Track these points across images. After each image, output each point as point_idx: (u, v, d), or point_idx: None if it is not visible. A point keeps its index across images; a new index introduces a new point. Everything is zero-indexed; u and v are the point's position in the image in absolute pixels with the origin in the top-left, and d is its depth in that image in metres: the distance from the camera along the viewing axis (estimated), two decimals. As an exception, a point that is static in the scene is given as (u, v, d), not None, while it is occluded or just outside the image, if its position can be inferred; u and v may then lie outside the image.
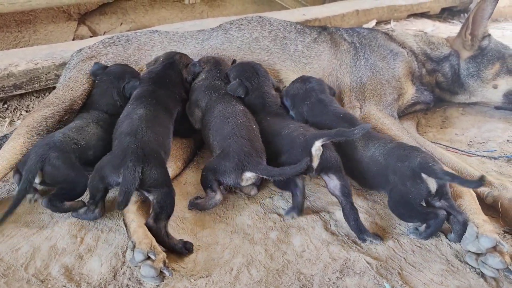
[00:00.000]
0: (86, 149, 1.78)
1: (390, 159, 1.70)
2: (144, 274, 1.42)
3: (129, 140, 1.71)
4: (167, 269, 1.43)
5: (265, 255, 1.57)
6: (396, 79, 2.37)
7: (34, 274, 1.48)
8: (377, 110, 2.22)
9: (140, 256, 1.43)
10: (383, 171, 1.71)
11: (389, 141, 1.81)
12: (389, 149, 1.75)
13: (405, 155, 1.67)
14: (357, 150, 1.82)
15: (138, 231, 1.54)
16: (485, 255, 1.47)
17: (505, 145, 2.34)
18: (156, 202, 1.61)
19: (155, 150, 1.72)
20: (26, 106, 2.75)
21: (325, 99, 2.07)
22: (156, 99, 1.98)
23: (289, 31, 2.56)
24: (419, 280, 1.47)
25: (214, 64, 2.26)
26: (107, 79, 2.12)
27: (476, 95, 2.61)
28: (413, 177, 1.61)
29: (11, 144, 1.91)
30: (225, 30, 2.56)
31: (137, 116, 1.85)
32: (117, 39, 2.55)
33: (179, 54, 2.29)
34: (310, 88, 2.10)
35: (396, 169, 1.66)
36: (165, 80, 2.12)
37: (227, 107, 1.98)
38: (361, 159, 1.81)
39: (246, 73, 2.15)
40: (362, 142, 1.83)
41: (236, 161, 1.72)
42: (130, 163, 1.59)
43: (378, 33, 2.62)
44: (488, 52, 2.54)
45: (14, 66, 2.59)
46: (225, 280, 1.46)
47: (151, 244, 1.48)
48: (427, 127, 2.57)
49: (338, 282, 1.46)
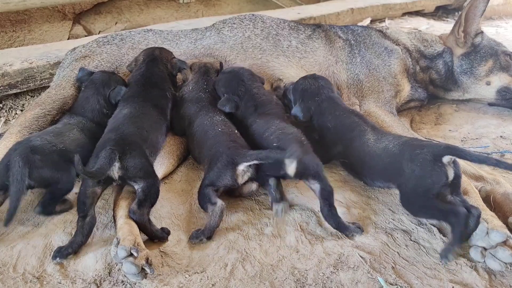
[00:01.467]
0: (65, 151, 1.72)
1: (407, 148, 1.67)
2: (125, 270, 1.43)
3: (110, 135, 1.74)
4: (148, 267, 1.43)
5: (260, 250, 1.58)
6: (393, 76, 2.39)
7: (29, 272, 1.48)
8: (377, 108, 2.23)
9: (122, 253, 1.43)
10: (396, 162, 1.68)
11: (403, 136, 1.84)
12: (405, 141, 1.74)
13: (422, 144, 1.65)
14: (368, 144, 1.81)
15: (124, 228, 1.55)
16: (495, 248, 1.47)
17: (498, 141, 2.36)
18: (141, 190, 1.64)
19: (136, 142, 1.72)
20: (21, 106, 2.75)
21: (334, 97, 2.10)
22: (143, 97, 1.98)
23: (283, 28, 2.57)
24: (412, 274, 1.48)
25: (202, 74, 2.26)
26: (93, 85, 2.08)
27: (469, 91, 2.63)
28: (434, 162, 1.55)
29: (3, 143, 1.92)
30: (218, 30, 2.57)
31: (122, 115, 1.87)
32: (111, 38, 2.55)
33: (158, 49, 2.27)
34: (321, 86, 2.12)
35: (413, 156, 1.61)
36: (152, 80, 2.10)
37: (205, 120, 1.98)
38: (372, 152, 1.79)
39: (231, 86, 2.15)
40: (374, 135, 1.84)
41: (225, 159, 1.73)
42: (108, 148, 1.62)
43: (372, 31, 2.64)
44: (481, 49, 2.56)
45: (9, 66, 2.59)
46: (220, 276, 1.47)
47: (134, 241, 1.48)
48: (421, 124, 2.59)
49: (332, 277, 1.47)
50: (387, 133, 1.90)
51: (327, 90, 2.11)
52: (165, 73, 2.16)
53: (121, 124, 1.81)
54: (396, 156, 1.69)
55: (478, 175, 1.87)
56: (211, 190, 1.70)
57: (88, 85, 2.09)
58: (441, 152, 1.57)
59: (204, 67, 2.32)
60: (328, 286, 1.44)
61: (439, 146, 1.63)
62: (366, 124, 1.92)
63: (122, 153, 1.62)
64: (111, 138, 1.69)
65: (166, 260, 1.53)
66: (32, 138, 1.74)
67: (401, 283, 1.44)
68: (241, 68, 2.26)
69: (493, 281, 1.46)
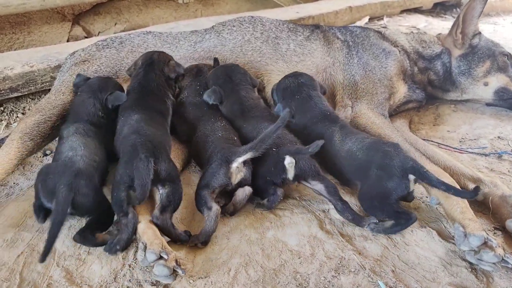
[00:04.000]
0: (100, 163, 1.76)
1: (375, 155, 1.75)
2: (157, 273, 1.46)
3: (134, 137, 1.73)
4: (179, 268, 1.48)
5: (262, 255, 1.61)
6: (388, 78, 2.41)
7: (36, 278, 1.51)
8: (368, 109, 2.25)
9: (152, 257, 1.47)
10: (362, 166, 1.77)
11: (366, 137, 1.88)
12: (370, 145, 1.80)
13: (391, 153, 1.72)
14: (335, 145, 1.89)
15: (148, 232, 1.58)
16: (479, 253, 1.52)
17: (496, 142, 2.38)
18: (165, 195, 1.66)
19: (162, 143, 1.76)
20: (22, 109, 2.76)
21: (314, 96, 2.10)
22: (146, 105, 1.99)
23: (281, 31, 2.59)
24: (412, 278, 1.51)
25: (194, 76, 2.28)
26: (89, 89, 2.06)
27: (467, 92, 2.65)
28: (402, 177, 1.67)
29: (5, 150, 1.94)
30: (217, 32, 2.58)
31: (134, 120, 1.88)
32: (110, 41, 2.56)
33: (157, 53, 2.27)
34: (301, 83, 2.13)
35: (382, 165, 1.71)
36: (150, 86, 2.10)
37: (206, 125, 1.99)
38: (337, 154, 1.87)
39: (219, 80, 2.17)
40: (340, 136, 1.90)
41: (219, 158, 1.75)
42: (143, 155, 1.61)
43: (371, 32, 2.65)
44: (479, 50, 2.58)
45: (10, 69, 2.60)
46: (223, 281, 1.50)
47: (162, 244, 1.52)
48: (419, 124, 2.61)
49: (334, 281, 1.50)
50: (351, 132, 1.93)
51: (307, 87, 2.11)
52: (162, 78, 2.16)
53: (139, 126, 1.81)
54: (362, 161, 1.78)
55: (476, 177, 1.90)
56: (207, 193, 1.72)
57: (83, 89, 2.08)
58: (408, 170, 1.67)
59: (195, 68, 2.34)
60: (329, 290, 1.47)
61: (407, 163, 1.69)
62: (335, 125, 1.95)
63: (155, 157, 1.63)
64: (138, 141, 1.68)
65: (170, 265, 1.56)
66: (73, 158, 1.70)
67: (401, 287, 1.48)
68: (234, 66, 2.27)
69: (491, 284, 1.50)
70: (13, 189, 2.01)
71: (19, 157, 1.96)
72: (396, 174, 1.67)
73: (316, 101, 2.08)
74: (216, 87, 2.14)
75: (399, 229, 1.68)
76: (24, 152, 1.97)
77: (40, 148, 2.12)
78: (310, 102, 2.07)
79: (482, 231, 1.55)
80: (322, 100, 2.13)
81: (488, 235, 1.54)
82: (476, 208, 1.82)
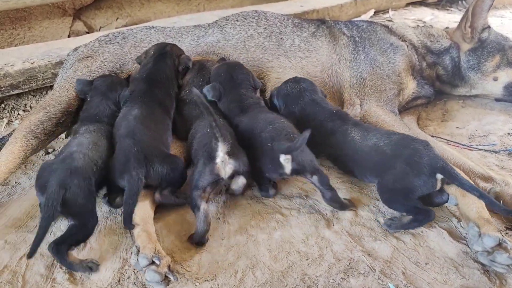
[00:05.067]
0: (102, 169, 1.69)
1: (404, 151, 1.71)
2: (149, 279, 1.43)
3: (129, 142, 1.71)
4: (171, 274, 1.44)
5: (269, 256, 1.57)
6: (397, 74, 2.35)
7: (39, 281, 1.48)
8: (378, 107, 2.21)
9: (144, 261, 1.43)
10: (386, 161, 1.73)
11: (393, 133, 1.86)
12: (398, 140, 1.77)
13: (421, 151, 1.69)
14: (354, 141, 1.85)
15: (142, 235, 1.54)
16: (493, 254, 1.48)
17: (506, 138, 2.34)
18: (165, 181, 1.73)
19: (156, 148, 1.73)
20: (23, 106, 2.73)
21: (317, 99, 2.07)
22: (150, 97, 1.97)
23: (286, 26, 2.53)
24: (423, 280, 1.48)
25: (197, 72, 2.23)
26: (98, 92, 2.03)
27: (476, 87, 2.60)
28: (430, 175, 1.64)
29: (9, 148, 1.90)
30: (220, 27, 2.53)
31: (132, 117, 1.85)
32: (113, 37, 2.51)
33: (170, 45, 2.25)
34: (303, 89, 2.08)
35: (411, 162, 1.67)
36: (158, 77, 2.09)
37: (201, 121, 1.94)
38: (359, 149, 1.83)
39: (220, 77, 2.13)
40: (360, 132, 1.86)
41: (202, 156, 1.71)
42: (134, 172, 1.60)
43: (378, 26, 2.60)
44: (488, 44, 2.52)
45: (10, 66, 2.56)
46: (230, 284, 1.46)
47: (155, 249, 1.48)
48: (427, 121, 2.57)
49: (343, 283, 1.46)
50: (373, 129, 1.90)
51: (309, 92, 2.07)
52: (172, 71, 2.14)
53: (135, 128, 1.78)
54: (388, 155, 1.74)
55: (488, 176, 1.86)
56: (197, 194, 1.66)
57: (93, 94, 2.04)
58: (437, 169, 1.64)
59: (197, 64, 2.29)
60: (339, 293, 1.43)
61: (437, 162, 1.66)
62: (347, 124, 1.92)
63: (147, 169, 1.64)
64: (131, 151, 1.67)
65: (175, 267, 1.53)
66: (75, 154, 1.65)
67: (412, 289, 1.44)
68: (238, 64, 2.22)
69: (504, 286, 1.46)
70: (15, 189, 1.98)
71: (23, 156, 1.92)
72: (424, 172, 1.64)
73: (321, 103, 2.05)
74: (216, 84, 2.10)
75: (416, 225, 1.66)
76: (28, 150, 1.94)
77: (44, 146, 2.08)
78: (313, 105, 2.03)
79: (497, 232, 1.51)
80: (325, 101, 2.09)
81: (503, 236, 1.50)
82: (487, 207, 1.77)
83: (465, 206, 1.65)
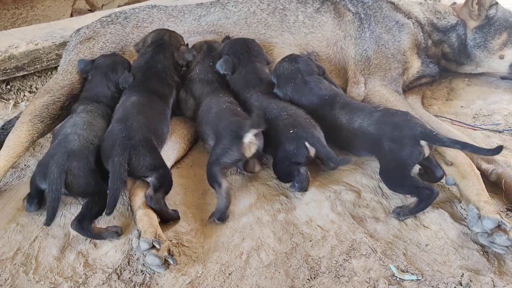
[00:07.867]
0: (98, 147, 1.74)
1: (385, 128, 1.76)
2: (149, 262, 1.48)
3: (119, 127, 1.74)
4: (171, 258, 1.48)
5: (274, 238, 1.61)
6: (402, 53, 2.33)
7: (51, 262, 1.54)
8: (382, 86, 2.20)
9: (145, 245, 1.48)
10: (376, 140, 1.78)
11: (374, 110, 1.87)
12: (379, 117, 1.81)
13: (400, 124, 1.74)
14: (342, 126, 1.90)
15: (143, 220, 1.59)
16: (492, 235, 1.51)
17: (510, 118, 2.33)
18: (155, 179, 1.68)
19: (145, 138, 1.73)
20: (29, 87, 2.74)
21: (310, 81, 2.04)
22: (149, 86, 1.98)
23: (290, 2, 2.50)
24: (423, 260, 1.52)
25: (206, 53, 2.23)
26: (99, 71, 2.05)
27: (482, 65, 2.57)
28: (413, 144, 1.68)
29: (15, 133, 1.93)
30: (222, 5, 2.50)
31: (130, 103, 1.88)
32: (115, 17, 2.50)
33: (168, 33, 2.22)
34: (296, 69, 2.06)
35: (393, 138, 1.72)
36: (156, 67, 2.08)
37: (213, 99, 1.98)
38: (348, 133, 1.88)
39: (234, 49, 2.14)
40: (346, 116, 1.89)
41: (230, 133, 1.75)
42: (116, 158, 1.62)
43: (383, 3, 2.55)
44: (495, 21, 2.48)
45: (15, 48, 2.57)
46: (236, 265, 1.51)
47: (155, 233, 1.52)
48: (432, 99, 2.56)
49: (345, 264, 1.51)
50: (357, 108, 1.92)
51: (302, 73, 2.05)
52: (170, 62, 2.13)
53: (130, 113, 1.81)
54: (373, 135, 1.79)
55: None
56: (218, 170, 1.72)
57: (94, 73, 2.06)
58: (417, 136, 1.68)
59: (205, 44, 2.29)
60: (341, 274, 1.48)
61: (416, 129, 1.69)
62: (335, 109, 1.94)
63: (130, 157, 1.64)
64: (119, 137, 1.69)
65: (182, 249, 1.58)
66: (70, 136, 1.69)
67: (412, 270, 1.48)
68: (251, 40, 2.23)
69: (502, 266, 1.50)
70: (24, 172, 2.02)
71: (30, 140, 1.96)
72: (407, 144, 1.67)
73: (311, 86, 2.03)
74: (229, 56, 2.11)
75: (423, 206, 1.67)
76: (34, 134, 1.97)
77: (50, 129, 2.10)
78: (305, 88, 2.02)
79: (497, 214, 1.53)
80: (320, 83, 2.05)
81: (502, 218, 1.52)
82: (489, 188, 1.78)
83: (465, 188, 1.68)
